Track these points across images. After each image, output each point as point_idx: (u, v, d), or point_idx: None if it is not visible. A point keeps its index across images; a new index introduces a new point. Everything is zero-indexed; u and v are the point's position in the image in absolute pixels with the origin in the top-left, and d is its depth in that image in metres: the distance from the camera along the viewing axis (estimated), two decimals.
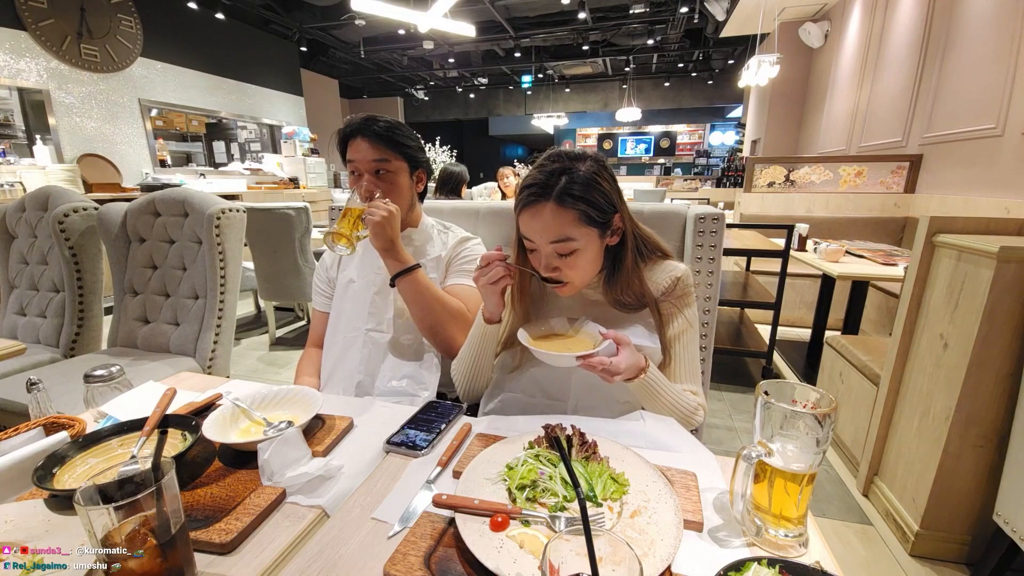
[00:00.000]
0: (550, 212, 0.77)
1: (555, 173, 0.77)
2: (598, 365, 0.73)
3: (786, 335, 3.22)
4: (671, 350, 0.89)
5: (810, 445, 0.51)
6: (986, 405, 1.26)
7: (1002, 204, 2.50)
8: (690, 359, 0.89)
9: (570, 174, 0.77)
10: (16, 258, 1.91)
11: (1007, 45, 2.50)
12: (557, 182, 0.77)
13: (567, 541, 0.40)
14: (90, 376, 0.80)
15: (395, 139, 1.05)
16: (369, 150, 1.03)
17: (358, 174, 1.05)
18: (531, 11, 7.31)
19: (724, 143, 12.80)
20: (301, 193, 5.99)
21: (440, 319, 1.02)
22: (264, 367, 2.92)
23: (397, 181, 1.07)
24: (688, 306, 0.89)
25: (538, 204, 0.78)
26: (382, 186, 1.04)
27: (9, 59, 4.36)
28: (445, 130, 11.63)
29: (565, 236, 0.78)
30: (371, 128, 1.04)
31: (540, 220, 0.78)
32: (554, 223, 0.77)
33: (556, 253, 0.80)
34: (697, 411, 0.86)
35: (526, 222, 0.80)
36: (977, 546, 1.34)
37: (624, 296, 0.86)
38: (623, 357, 0.74)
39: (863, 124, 4.24)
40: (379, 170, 1.05)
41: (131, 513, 0.42)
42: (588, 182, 0.77)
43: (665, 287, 0.88)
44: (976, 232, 1.36)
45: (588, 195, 0.77)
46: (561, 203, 0.76)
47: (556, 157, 0.80)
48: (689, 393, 0.86)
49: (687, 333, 0.88)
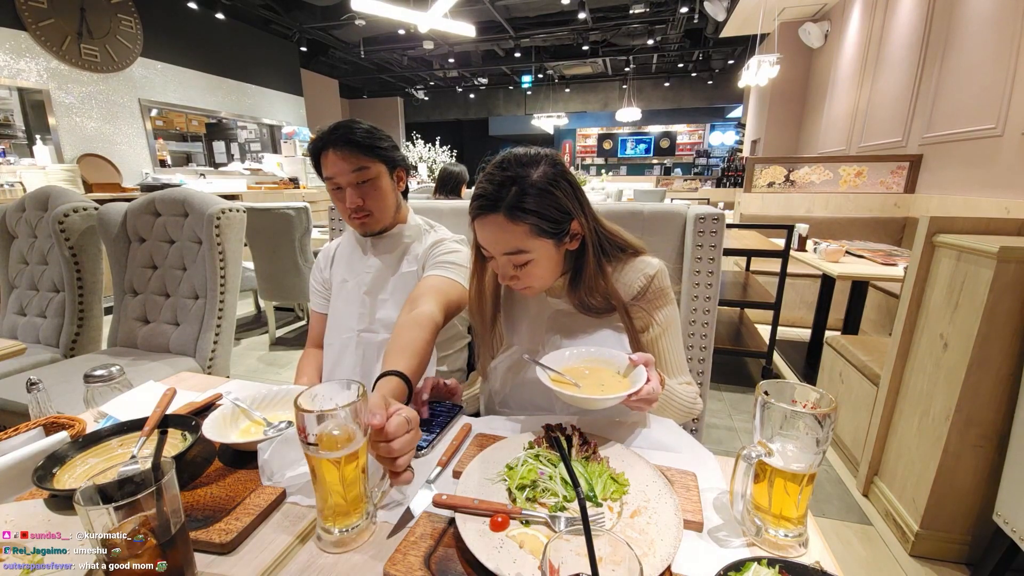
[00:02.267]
0: (500, 225, 0.74)
1: (505, 184, 0.74)
2: (646, 396, 0.67)
3: (786, 335, 3.22)
4: (658, 345, 0.86)
5: (810, 445, 0.51)
6: (986, 405, 1.26)
7: (1002, 204, 2.50)
8: (677, 353, 0.87)
9: (520, 183, 0.73)
10: (16, 258, 1.91)
11: (1007, 45, 2.50)
12: (507, 194, 0.73)
13: (567, 541, 0.39)
14: (90, 376, 0.80)
15: (368, 144, 1.00)
16: (344, 161, 0.98)
17: (338, 188, 1.01)
18: (531, 11, 7.31)
19: (724, 143, 12.79)
20: (301, 193, 5.98)
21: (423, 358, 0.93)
22: (264, 367, 2.92)
23: (380, 186, 1.02)
24: (665, 306, 0.85)
25: (488, 216, 0.75)
26: (366, 195, 1.01)
27: (9, 59, 4.35)
28: (445, 130, 11.64)
29: (517, 248, 0.75)
30: (342, 137, 0.98)
31: (491, 232, 0.76)
32: (504, 236, 0.75)
33: (511, 263, 0.78)
34: (696, 400, 0.85)
35: (478, 232, 0.78)
36: (977, 546, 1.34)
37: (590, 299, 0.83)
38: (656, 379, 0.70)
39: (863, 124, 4.24)
40: (360, 180, 1.00)
41: (131, 513, 0.42)
42: (541, 191, 0.74)
43: (637, 288, 0.84)
44: (976, 232, 1.36)
45: (540, 207, 0.74)
46: (511, 217, 0.73)
47: (506, 164, 0.76)
48: (686, 385, 0.85)
49: (671, 328, 0.86)
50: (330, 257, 1.18)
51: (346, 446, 0.52)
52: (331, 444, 0.51)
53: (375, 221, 1.05)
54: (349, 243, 1.14)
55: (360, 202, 1.00)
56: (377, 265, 1.09)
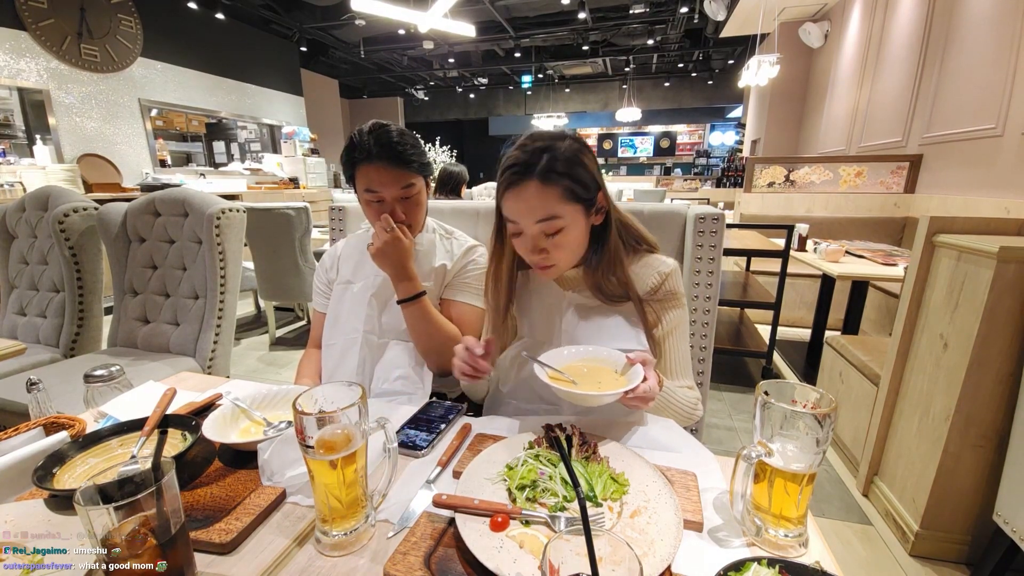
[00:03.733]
0: (534, 190, 0.75)
1: (537, 151, 0.76)
2: (642, 395, 0.68)
3: (786, 335, 3.22)
4: (662, 346, 0.87)
5: (810, 445, 0.51)
6: (986, 405, 1.26)
7: (1002, 204, 2.50)
8: (682, 355, 0.88)
9: (552, 151, 0.76)
10: (16, 258, 1.91)
11: (1007, 45, 2.50)
12: (539, 160, 0.75)
13: (567, 541, 0.39)
14: (90, 376, 0.80)
15: (415, 159, 0.98)
16: (392, 177, 0.96)
17: (380, 201, 0.98)
18: (531, 11, 7.31)
19: (724, 143, 12.80)
20: (301, 193, 5.99)
21: (437, 346, 1.00)
22: (264, 367, 2.92)
23: (421, 200, 1.03)
24: (675, 308, 0.86)
25: (522, 183, 0.76)
26: (408, 210, 1.00)
27: (9, 59, 4.35)
28: (445, 130, 11.63)
29: (551, 214, 0.76)
30: (389, 151, 0.94)
31: (524, 200, 0.76)
32: (539, 201, 0.76)
33: (543, 233, 0.78)
34: (697, 406, 0.85)
35: (510, 204, 0.78)
36: (977, 546, 1.34)
37: (606, 281, 0.83)
38: (653, 377, 0.70)
39: (863, 124, 4.24)
40: (406, 196, 0.99)
41: (131, 513, 0.42)
42: (570, 158, 0.76)
43: (651, 285, 0.85)
44: (976, 232, 1.36)
45: (572, 170, 0.76)
46: (545, 180, 0.75)
47: (535, 136, 0.79)
48: (687, 389, 0.85)
49: (679, 329, 0.87)
50: (336, 258, 1.17)
51: (345, 448, 0.52)
52: (330, 446, 0.51)
53: (412, 232, 1.05)
54: (357, 246, 1.14)
55: (403, 217, 1.00)
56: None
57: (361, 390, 0.54)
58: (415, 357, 1.08)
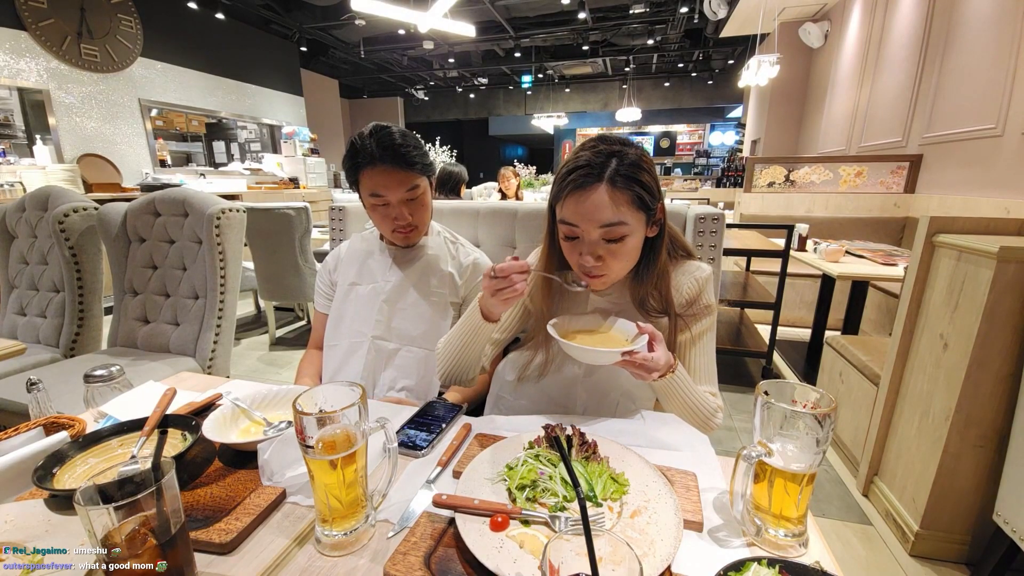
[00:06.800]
0: (603, 194, 0.73)
1: (605, 155, 0.74)
2: (640, 361, 0.70)
3: (786, 335, 3.22)
4: (690, 351, 0.86)
5: (810, 445, 0.51)
6: (986, 405, 1.26)
7: (1002, 204, 2.50)
8: (708, 361, 0.87)
9: (620, 156, 0.75)
10: (16, 258, 1.91)
11: (1007, 45, 2.50)
12: (608, 163, 0.74)
13: (567, 541, 0.39)
14: (90, 376, 0.80)
15: (419, 160, 0.98)
16: (397, 179, 0.96)
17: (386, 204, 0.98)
18: (531, 11, 7.31)
19: (724, 143, 12.80)
20: (301, 193, 5.99)
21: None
22: (264, 367, 2.92)
23: (426, 200, 1.02)
24: (706, 317, 0.86)
25: (589, 187, 0.74)
26: (414, 211, 1.00)
27: (9, 59, 4.35)
28: (445, 130, 11.64)
29: (618, 219, 0.74)
30: (393, 153, 0.94)
31: (591, 203, 0.74)
32: (607, 205, 0.73)
33: (603, 239, 0.76)
34: (716, 413, 0.83)
35: (573, 206, 0.76)
36: (977, 546, 1.34)
37: (650, 296, 0.83)
38: (660, 353, 0.72)
39: (863, 124, 4.24)
40: (411, 198, 0.99)
41: (131, 513, 0.42)
42: (638, 165, 0.75)
43: (688, 296, 0.85)
44: (976, 232, 1.36)
45: (640, 176, 0.75)
46: (614, 184, 0.73)
47: (604, 139, 0.77)
48: (710, 395, 0.84)
49: (707, 334, 0.87)
50: (338, 259, 1.17)
51: (345, 448, 0.52)
52: (330, 446, 0.51)
53: (418, 233, 1.06)
54: (362, 248, 1.14)
55: (410, 218, 1.00)
56: (399, 274, 1.08)
57: (361, 390, 0.54)
58: (425, 366, 1.07)
